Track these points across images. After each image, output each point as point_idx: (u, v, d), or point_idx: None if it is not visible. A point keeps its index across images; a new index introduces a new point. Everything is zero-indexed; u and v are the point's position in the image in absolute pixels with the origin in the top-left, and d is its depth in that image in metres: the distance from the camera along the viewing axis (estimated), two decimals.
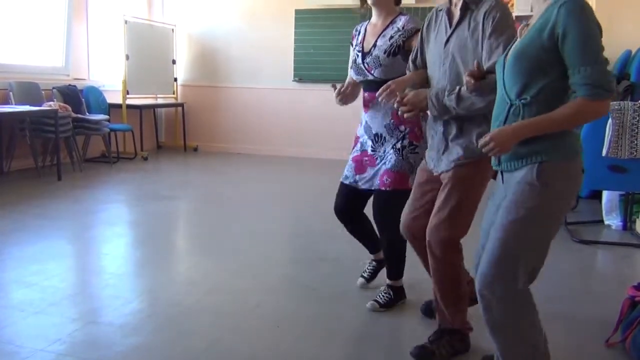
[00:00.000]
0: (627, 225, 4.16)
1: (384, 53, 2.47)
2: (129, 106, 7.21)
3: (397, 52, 2.45)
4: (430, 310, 2.49)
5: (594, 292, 3.00)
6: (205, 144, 8.29)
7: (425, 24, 2.23)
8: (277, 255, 3.63)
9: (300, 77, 7.76)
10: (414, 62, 2.29)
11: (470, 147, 2.02)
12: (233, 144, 8.18)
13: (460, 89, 1.97)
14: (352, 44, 2.65)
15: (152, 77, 7.72)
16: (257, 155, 7.90)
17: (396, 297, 2.66)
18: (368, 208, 2.66)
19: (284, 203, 5.14)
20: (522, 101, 1.63)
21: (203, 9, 8.11)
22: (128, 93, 7.18)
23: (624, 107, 3.56)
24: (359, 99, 2.69)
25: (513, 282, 1.64)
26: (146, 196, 5.16)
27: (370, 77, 2.52)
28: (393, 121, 2.49)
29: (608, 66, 1.56)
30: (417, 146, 2.48)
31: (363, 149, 2.63)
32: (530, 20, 1.70)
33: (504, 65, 1.70)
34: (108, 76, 7.32)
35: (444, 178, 2.10)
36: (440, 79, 2.09)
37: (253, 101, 8.04)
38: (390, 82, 2.18)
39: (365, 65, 2.52)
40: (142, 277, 3.15)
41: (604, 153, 3.63)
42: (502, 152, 1.65)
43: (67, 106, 5.98)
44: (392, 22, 2.52)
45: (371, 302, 2.64)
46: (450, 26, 2.07)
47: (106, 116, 6.70)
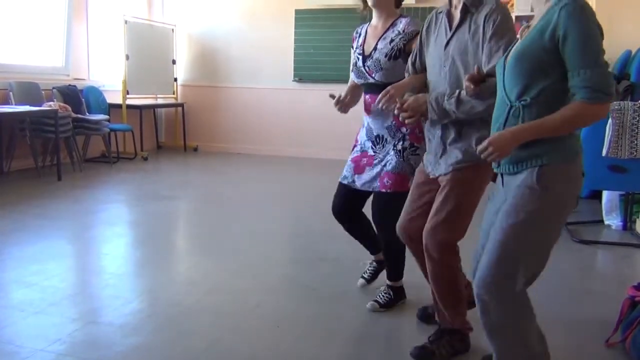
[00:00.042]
0: (627, 225, 4.16)
1: (385, 56, 2.45)
2: (129, 106, 7.21)
3: (398, 56, 2.43)
4: (427, 315, 2.48)
5: (594, 292, 3.00)
6: (205, 144, 8.29)
7: (424, 27, 2.21)
8: (277, 255, 3.63)
9: (300, 77, 7.76)
10: (413, 65, 2.27)
11: (469, 151, 2.01)
12: (233, 144, 8.18)
13: (460, 93, 1.96)
14: (353, 47, 2.63)
15: (152, 77, 7.72)
16: (257, 155, 7.90)
17: (396, 297, 2.66)
18: (367, 208, 2.66)
19: (284, 203, 5.14)
20: (522, 103, 1.62)
21: (203, 9, 8.11)
22: (128, 93, 7.18)
23: (624, 107, 3.56)
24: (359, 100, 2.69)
25: (512, 285, 1.63)
26: (146, 196, 5.16)
27: (371, 80, 2.51)
28: (394, 123, 2.48)
29: (608, 69, 1.55)
30: (418, 148, 2.47)
31: (363, 150, 2.62)
32: (531, 21, 1.69)
33: (504, 66, 1.69)
34: (108, 76, 7.33)
35: (442, 180, 2.09)
36: (440, 82, 2.07)
37: (253, 101, 8.05)
38: (389, 88, 2.17)
39: (366, 68, 2.51)
40: (142, 277, 3.15)
41: (604, 153, 3.63)
42: (501, 157, 1.64)
43: (67, 106, 5.98)
44: (393, 25, 2.50)
45: (371, 303, 2.64)
46: (450, 29, 2.05)
47: (106, 116, 6.70)
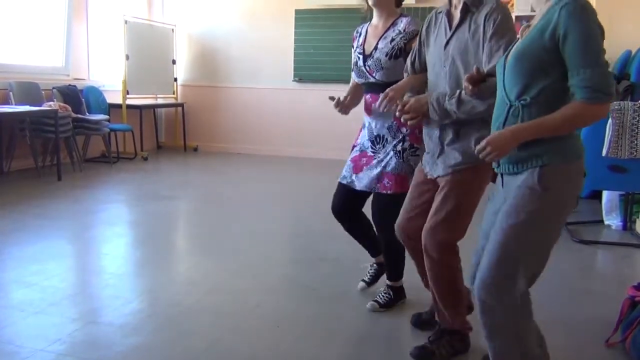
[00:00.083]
0: (627, 225, 4.17)
1: (386, 56, 2.44)
2: (129, 106, 7.21)
3: (399, 55, 2.43)
4: (420, 322, 2.45)
5: (594, 292, 3.00)
6: (205, 144, 8.29)
7: (424, 27, 2.20)
8: (277, 255, 3.63)
9: (300, 77, 7.76)
10: (412, 65, 2.27)
11: (468, 152, 2.00)
12: (233, 144, 8.18)
13: (460, 93, 1.95)
14: (353, 46, 2.63)
15: (152, 77, 7.72)
16: (257, 155, 7.90)
17: (396, 297, 2.66)
18: (367, 208, 2.66)
19: (284, 203, 5.14)
20: (522, 102, 1.62)
21: (203, 9, 8.11)
22: (128, 93, 7.18)
23: (624, 107, 3.56)
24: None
25: (512, 286, 1.63)
26: (146, 196, 5.16)
27: (371, 80, 2.51)
28: (395, 123, 2.48)
29: (609, 69, 1.54)
30: (418, 148, 2.47)
31: (362, 150, 2.62)
32: (531, 20, 1.69)
33: (505, 66, 1.69)
34: (108, 76, 7.32)
35: (442, 181, 2.09)
36: (440, 82, 2.07)
37: (253, 101, 8.05)
38: (388, 90, 2.17)
39: (366, 67, 2.51)
40: (142, 277, 3.15)
41: (604, 153, 3.63)
42: (500, 157, 1.63)
43: (67, 106, 5.98)
44: (393, 24, 2.50)
45: (371, 303, 2.64)
46: (450, 28, 2.05)
47: (106, 116, 6.70)
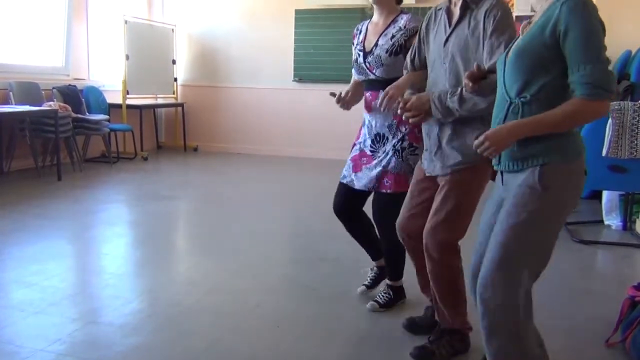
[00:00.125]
0: (627, 225, 4.17)
1: (386, 52, 2.45)
2: (129, 106, 7.21)
3: (399, 52, 2.43)
4: (414, 326, 2.41)
5: (594, 292, 3.00)
6: (205, 144, 8.29)
7: (424, 24, 2.21)
8: (277, 255, 3.63)
9: (300, 77, 7.76)
10: (412, 62, 2.27)
11: (467, 152, 2.00)
12: (233, 144, 8.18)
13: (462, 90, 1.95)
14: (353, 43, 2.64)
15: (152, 77, 7.72)
16: (257, 155, 7.90)
17: (396, 297, 2.66)
18: (367, 207, 2.66)
19: (284, 203, 5.14)
20: (522, 99, 1.61)
21: (203, 9, 8.11)
22: (128, 93, 7.18)
23: (624, 107, 3.56)
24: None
25: (514, 286, 1.62)
26: (146, 196, 5.16)
27: (372, 77, 2.51)
28: (395, 121, 2.48)
29: (610, 66, 1.53)
30: (417, 148, 2.47)
31: (362, 149, 2.62)
32: (532, 17, 1.68)
33: (505, 63, 1.68)
34: (108, 76, 7.33)
35: (441, 180, 2.09)
36: (440, 79, 2.07)
37: (253, 101, 8.04)
38: (388, 89, 2.18)
39: (367, 64, 2.51)
40: (142, 277, 3.15)
41: (604, 153, 3.63)
42: (498, 152, 1.62)
43: (67, 106, 5.98)
44: (394, 21, 2.51)
45: (371, 303, 2.64)
46: (449, 25, 2.05)
47: (106, 116, 6.70)
